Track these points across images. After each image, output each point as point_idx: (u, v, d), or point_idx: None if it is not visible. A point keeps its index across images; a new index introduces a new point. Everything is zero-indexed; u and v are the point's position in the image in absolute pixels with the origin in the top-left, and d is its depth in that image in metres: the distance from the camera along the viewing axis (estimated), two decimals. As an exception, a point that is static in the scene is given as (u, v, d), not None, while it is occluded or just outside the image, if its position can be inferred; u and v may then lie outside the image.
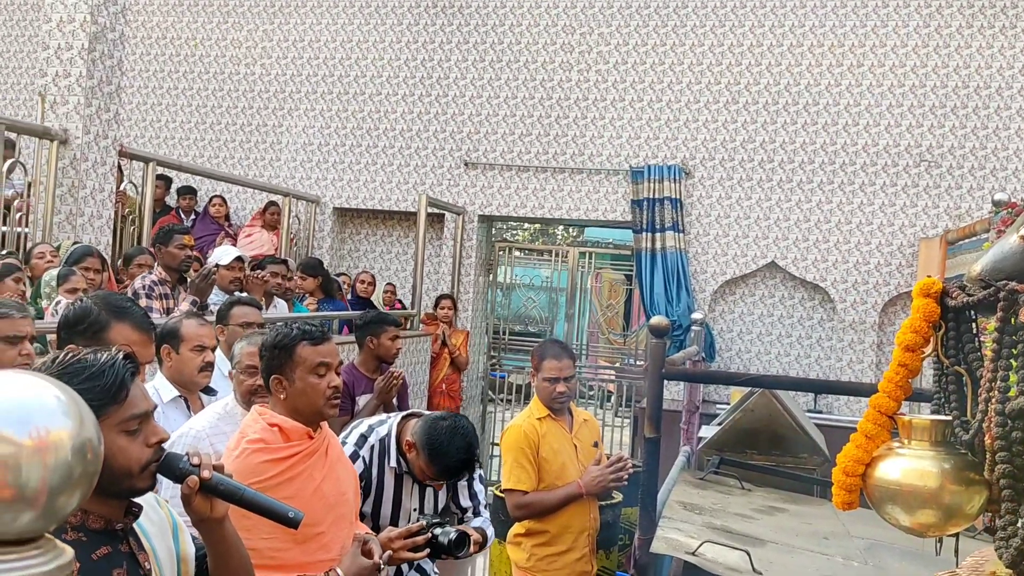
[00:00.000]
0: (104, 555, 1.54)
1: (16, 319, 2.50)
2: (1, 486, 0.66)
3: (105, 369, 1.53)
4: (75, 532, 1.52)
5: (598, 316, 10.79)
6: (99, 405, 1.48)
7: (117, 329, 2.20)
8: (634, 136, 8.15)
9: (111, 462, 1.48)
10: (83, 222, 5.27)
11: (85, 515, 1.54)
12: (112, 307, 2.24)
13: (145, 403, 1.58)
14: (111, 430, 1.51)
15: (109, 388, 1.52)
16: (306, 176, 8.82)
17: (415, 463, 2.75)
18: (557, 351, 3.66)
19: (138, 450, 1.55)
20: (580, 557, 3.59)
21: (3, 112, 8.66)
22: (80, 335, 2.18)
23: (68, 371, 1.51)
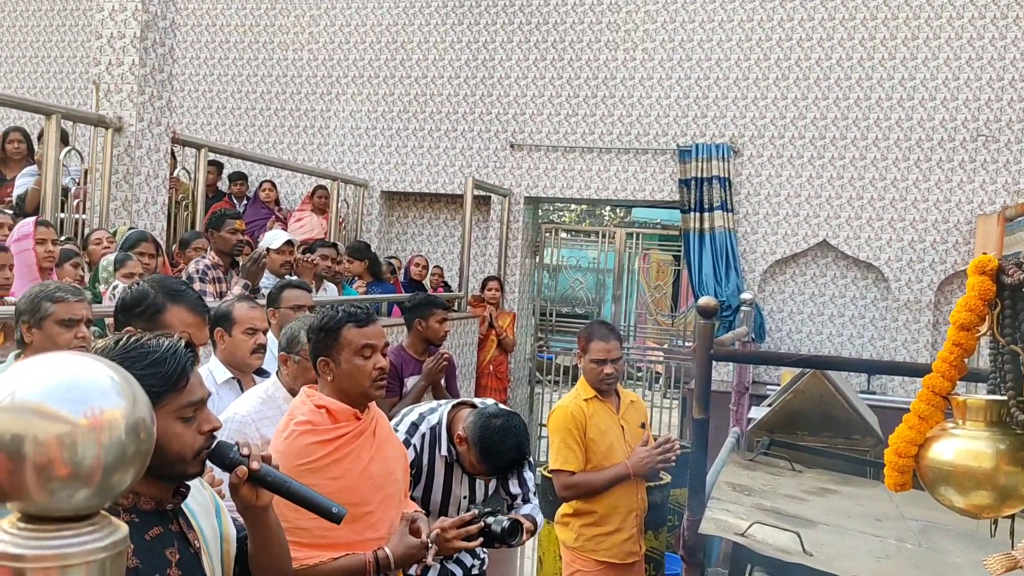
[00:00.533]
0: (156, 535, 1.58)
1: (72, 303, 2.57)
2: (57, 464, 0.68)
3: (167, 356, 1.55)
4: (127, 514, 1.56)
5: (646, 297, 10.72)
6: (159, 392, 1.52)
7: (173, 312, 2.23)
8: (681, 115, 8.06)
9: (165, 447, 1.53)
10: (138, 208, 5.38)
11: (137, 497, 1.58)
12: (168, 290, 2.27)
13: (201, 391, 1.62)
14: (168, 416, 1.55)
15: (170, 376, 1.55)
16: (354, 160, 8.89)
17: (465, 457, 2.76)
18: (604, 332, 3.66)
19: (192, 437, 1.58)
20: (628, 537, 3.60)
21: (59, 101, 8.87)
22: (137, 318, 2.22)
23: (131, 355, 1.54)
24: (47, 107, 5.02)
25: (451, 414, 2.86)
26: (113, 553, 0.70)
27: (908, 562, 2.58)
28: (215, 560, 1.73)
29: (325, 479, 2.35)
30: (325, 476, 2.35)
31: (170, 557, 1.59)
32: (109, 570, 0.69)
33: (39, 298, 2.55)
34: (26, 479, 0.68)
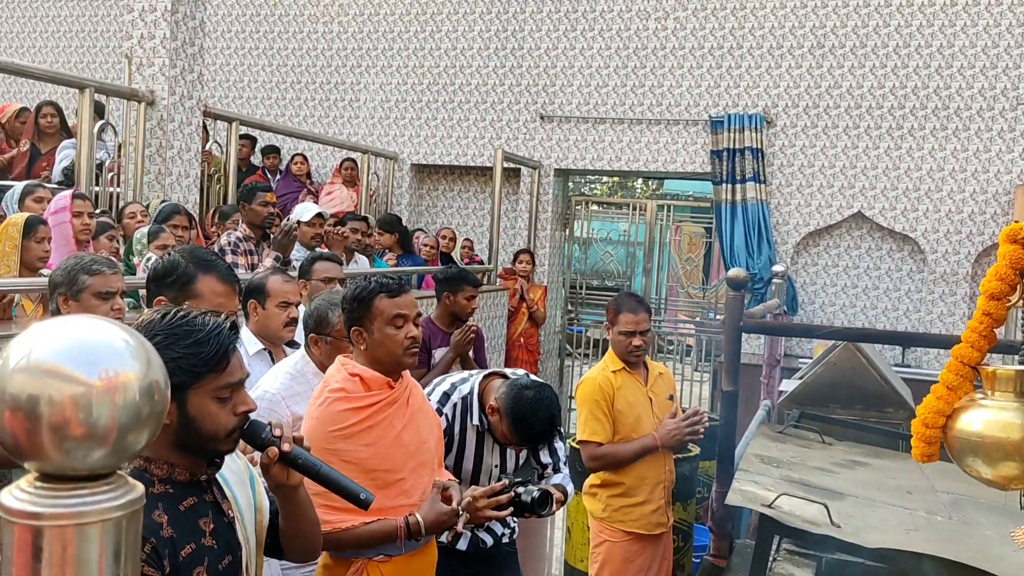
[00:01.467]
0: (191, 505, 1.61)
1: (108, 275, 2.61)
2: (73, 424, 0.69)
3: (211, 337, 1.57)
4: (162, 484, 1.59)
5: (677, 270, 10.66)
6: (199, 372, 1.55)
7: (204, 281, 2.25)
8: (714, 85, 7.95)
9: (199, 425, 1.57)
10: (171, 181, 5.43)
11: (171, 468, 1.61)
12: (199, 260, 2.29)
13: (240, 372, 1.63)
14: (206, 395, 1.58)
15: (211, 357, 1.56)
16: (384, 133, 8.89)
17: (497, 427, 2.77)
18: (633, 304, 3.65)
19: (226, 417, 1.60)
20: (656, 509, 3.61)
21: (93, 75, 8.95)
22: (168, 287, 2.24)
23: (176, 332, 1.56)
24: (80, 81, 5.07)
25: (482, 384, 2.87)
26: (129, 512, 0.71)
27: (937, 534, 2.56)
28: (250, 530, 1.76)
29: (357, 445, 2.38)
30: (357, 442, 2.39)
31: (204, 527, 1.62)
32: (125, 528, 0.71)
33: (75, 271, 2.59)
34: (43, 439, 0.69)
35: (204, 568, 1.58)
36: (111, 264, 2.67)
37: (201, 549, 1.59)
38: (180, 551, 1.55)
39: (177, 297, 2.22)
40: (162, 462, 1.60)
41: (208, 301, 2.20)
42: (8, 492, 0.70)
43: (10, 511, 0.68)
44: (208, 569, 1.59)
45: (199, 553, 1.58)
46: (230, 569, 1.66)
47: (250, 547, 1.75)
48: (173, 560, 1.54)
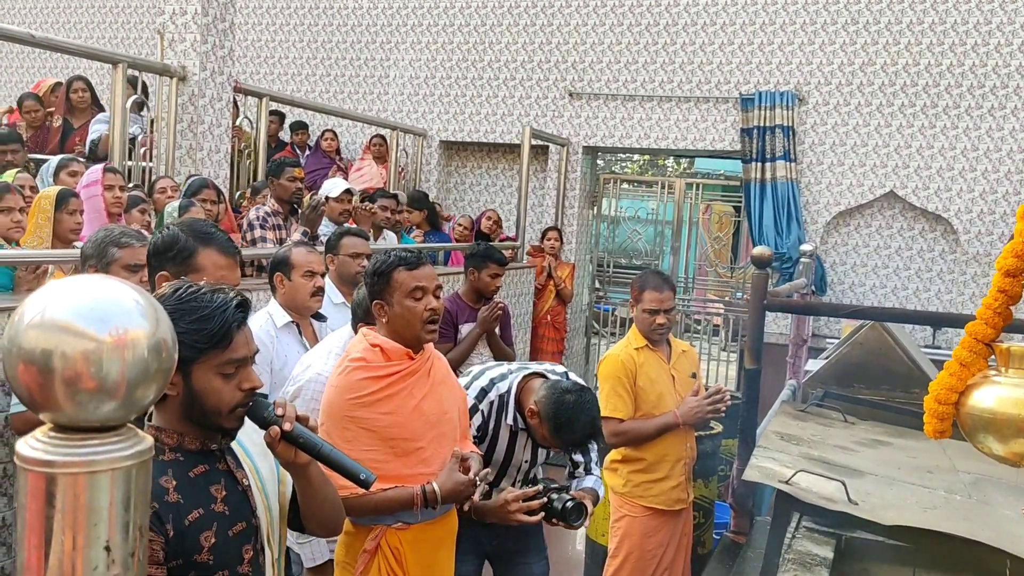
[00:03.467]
0: (201, 473, 1.66)
1: (136, 248, 2.66)
2: (85, 378, 0.72)
3: (216, 314, 1.60)
4: (172, 453, 1.65)
5: (707, 249, 10.61)
6: (203, 348, 1.59)
7: (204, 254, 2.24)
8: (744, 62, 7.86)
9: (203, 399, 1.62)
10: (202, 156, 5.49)
11: (181, 437, 1.66)
12: (198, 233, 2.28)
13: (245, 349, 1.66)
14: (209, 370, 1.61)
15: (214, 334, 1.59)
16: (413, 110, 8.91)
17: (537, 429, 2.77)
18: (657, 282, 3.65)
19: (230, 393, 1.64)
20: (676, 485, 3.63)
21: (127, 51, 9.05)
22: (170, 261, 2.24)
23: (183, 307, 1.60)
24: (113, 56, 5.13)
25: (521, 384, 2.86)
26: (138, 462, 0.74)
27: (955, 513, 2.55)
28: (271, 499, 1.80)
29: (376, 413, 2.43)
30: (376, 410, 2.43)
31: (215, 494, 1.66)
32: (135, 477, 0.74)
33: (105, 243, 2.65)
34: (56, 391, 0.73)
35: (212, 533, 1.63)
36: (140, 237, 2.72)
37: (210, 515, 1.63)
38: (186, 516, 1.60)
39: (179, 271, 2.22)
40: (172, 431, 1.65)
41: (210, 274, 2.20)
42: (24, 442, 0.73)
43: (25, 459, 0.72)
44: (216, 534, 1.63)
45: (207, 519, 1.63)
46: (243, 536, 1.70)
47: (271, 516, 1.80)
48: (177, 524, 1.58)
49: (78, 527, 0.71)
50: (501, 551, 3.06)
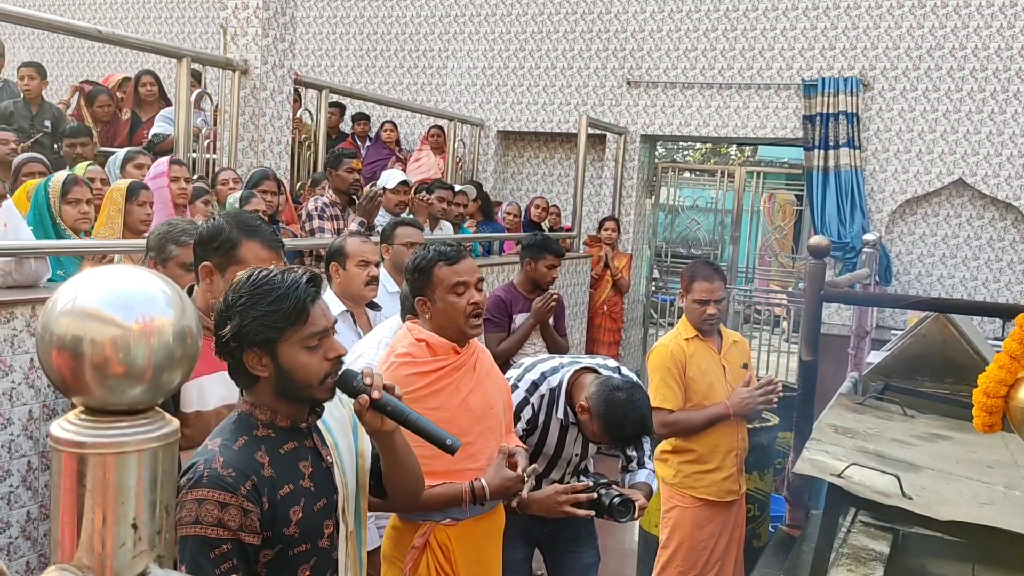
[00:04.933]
0: (291, 449, 1.74)
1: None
2: (114, 363, 0.76)
3: (289, 293, 1.67)
4: (265, 429, 1.73)
5: (769, 238, 10.44)
6: (283, 326, 1.66)
7: (247, 247, 2.26)
8: (807, 47, 7.70)
9: (293, 373, 1.69)
10: (263, 148, 5.61)
11: (273, 414, 1.74)
12: (243, 226, 2.29)
13: (324, 321, 1.72)
14: (293, 346, 1.68)
15: (291, 311, 1.67)
16: (471, 100, 8.95)
17: (587, 425, 2.75)
18: (708, 272, 3.61)
19: (318, 364, 1.70)
20: (727, 476, 3.59)
21: (193, 45, 9.27)
22: (214, 252, 2.27)
23: (257, 292, 1.67)
24: (178, 51, 5.26)
25: (572, 379, 2.84)
26: (164, 444, 0.78)
27: (1013, 509, 2.48)
28: (349, 474, 1.87)
29: (424, 409, 2.43)
30: (424, 407, 2.44)
31: (303, 469, 1.74)
32: (161, 458, 0.78)
33: (165, 239, 2.73)
34: (86, 376, 0.77)
35: (300, 508, 1.71)
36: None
37: (298, 490, 1.72)
38: (279, 490, 1.68)
39: (222, 262, 2.25)
40: (265, 408, 1.74)
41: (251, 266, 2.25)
42: (57, 424, 0.78)
43: (58, 440, 0.76)
44: (304, 509, 1.72)
45: (296, 494, 1.71)
46: (324, 511, 1.78)
47: (348, 491, 1.86)
48: (271, 498, 1.67)
49: (107, 505, 0.75)
50: (552, 539, 3.07)
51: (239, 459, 1.66)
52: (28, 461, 2.89)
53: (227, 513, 1.60)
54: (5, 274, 2.96)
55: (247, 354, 1.69)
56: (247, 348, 1.68)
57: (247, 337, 1.67)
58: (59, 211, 3.31)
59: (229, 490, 1.61)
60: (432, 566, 2.47)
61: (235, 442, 1.69)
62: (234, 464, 1.65)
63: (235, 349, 1.69)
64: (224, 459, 1.65)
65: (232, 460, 1.65)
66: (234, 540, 1.61)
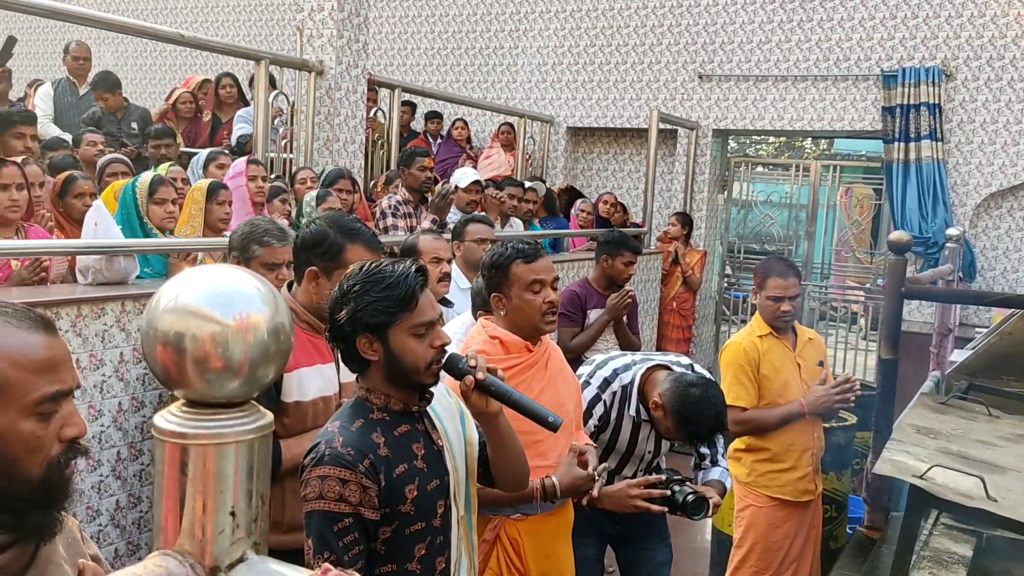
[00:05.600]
0: (404, 432, 1.85)
1: (276, 248, 2.82)
2: (213, 358, 0.80)
3: (400, 281, 1.78)
4: (380, 412, 1.84)
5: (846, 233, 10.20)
6: (394, 312, 1.77)
7: (352, 250, 2.32)
8: (887, 37, 7.49)
9: (402, 359, 1.80)
10: (338, 147, 5.72)
11: (387, 398, 1.85)
12: (345, 230, 2.36)
13: (432, 312, 1.83)
14: (403, 333, 1.79)
15: (402, 297, 1.77)
16: (541, 96, 8.96)
17: (661, 422, 2.74)
18: (782, 269, 3.56)
19: (424, 351, 1.81)
20: (803, 476, 3.54)
21: (271, 47, 9.49)
22: (319, 257, 2.34)
23: (370, 280, 1.79)
24: (256, 53, 5.40)
25: (645, 375, 2.83)
26: (260, 435, 0.82)
27: (1107, 515, 2.39)
28: (459, 460, 1.96)
29: (496, 406, 2.48)
30: (496, 404, 2.48)
31: (416, 451, 1.85)
32: (257, 449, 0.82)
33: (249, 239, 2.82)
34: (187, 370, 0.81)
35: (415, 486, 1.81)
36: (281, 237, 2.86)
37: (413, 470, 1.82)
38: (394, 469, 1.79)
39: (328, 266, 2.32)
40: (379, 393, 1.85)
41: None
42: (160, 416, 0.82)
43: (162, 431, 0.80)
44: (418, 488, 1.82)
45: (411, 473, 1.81)
46: (438, 491, 1.88)
47: (458, 475, 1.95)
48: (388, 475, 1.77)
49: (207, 493, 0.79)
50: (624, 536, 3.07)
51: (357, 439, 1.78)
52: (117, 451, 3.01)
53: (348, 489, 1.72)
54: (96, 271, 3.09)
55: (360, 339, 1.80)
56: (360, 333, 1.79)
57: (360, 322, 1.78)
58: (146, 210, 3.43)
59: (349, 467, 1.73)
60: (502, 560, 2.51)
61: (352, 424, 1.81)
62: (352, 443, 1.76)
63: (349, 334, 1.80)
64: (343, 439, 1.77)
65: (350, 440, 1.77)
66: (355, 515, 1.73)
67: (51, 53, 9.88)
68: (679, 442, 2.88)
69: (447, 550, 1.92)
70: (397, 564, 1.82)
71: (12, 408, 1.07)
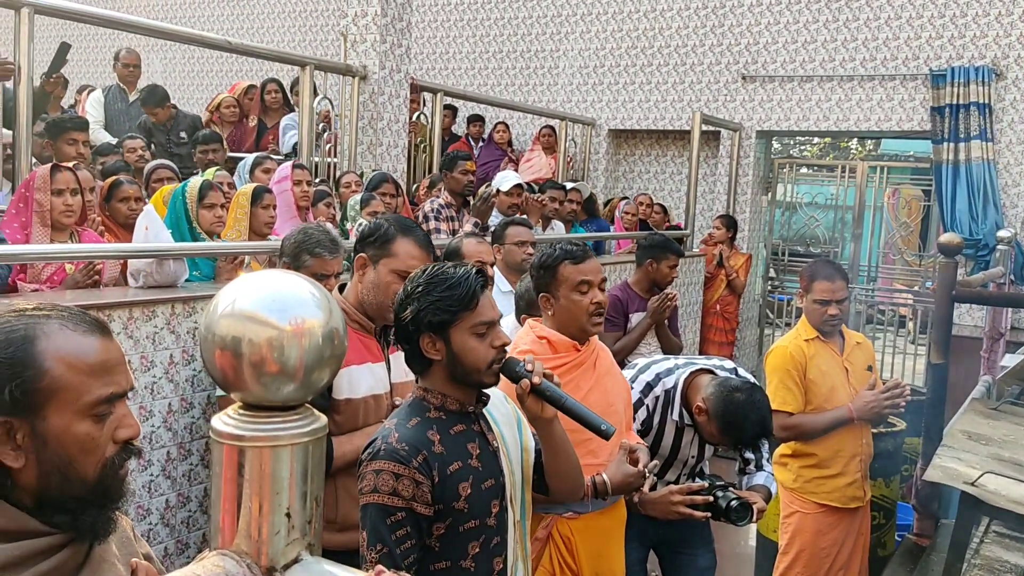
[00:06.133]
0: (460, 431, 1.89)
1: (327, 260, 2.88)
2: (269, 362, 0.82)
3: (461, 281, 1.84)
4: (436, 412, 1.89)
5: (894, 236, 10.03)
6: (455, 310, 1.82)
7: (401, 243, 2.41)
8: (935, 35, 7.36)
9: (462, 358, 1.85)
10: (381, 151, 5.77)
11: (444, 398, 1.90)
12: (400, 225, 2.47)
13: (492, 312, 1.88)
14: (464, 332, 1.84)
15: (463, 297, 1.83)
16: (582, 99, 8.94)
17: (705, 427, 2.72)
18: (829, 272, 3.50)
19: (485, 351, 1.85)
20: (851, 482, 3.48)
21: (314, 53, 9.60)
22: (370, 245, 2.43)
23: (433, 280, 1.85)
24: (301, 59, 5.47)
25: (688, 380, 2.81)
26: (314, 438, 0.83)
27: None
28: (515, 464, 1.99)
29: (544, 406, 2.49)
30: (543, 403, 2.49)
31: (471, 450, 1.88)
32: (311, 452, 0.83)
33: (301, 248, 2.87)
34: (244, 374, 0.82)
35: (468, 484, 1.85)
36: (332, 249, 2.91)
37: (467, 468, 1.86)
38: (448, 466, 1.83)
39: (376, 254, 2.41)
40: (437, 392, 1.90)
41: (402, 261, 2.37)
42: (218, 418, 0.84)
43: (220, 434, 0.82)
44: (472, 486, 1.85)
45: (465, 471, 1.85)
46: (492, 491, 1.90)
47: (515, 479, 1.98)
48: (441, 472, 1.81)
49: (263, 495, 0.81)
50: (667, 541, 3.05)
51: (412, 435, 1.83)
52: (167, 452, 3.06)
53: (401, 483, 1.77)
54: (147, 275, 3.15)
55: (423, 338, 1.86)
56: (423, 332, 1.85)
57: (423, 321, 1.84)
58: (195, 215, 3.49)
59: (402, 462, 1.78)
60: (555, 558, 2.53)
61: (408, 421, 1.87)
62: (407, 440, 1.81)
63: (412, 333, 1.86)
64: (399, 435, 1.83)
65: (405, 436, 1.82)
66: (408, 509, 1.78)
67: (101, 60, 10.09)
68: (723, 447, 2.85)
69: (503, 551, 1.94)
70: (451, 561, 1.86)
71: (68, 410, 1.09)
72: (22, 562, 1.06)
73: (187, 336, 3.09)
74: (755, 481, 2.89)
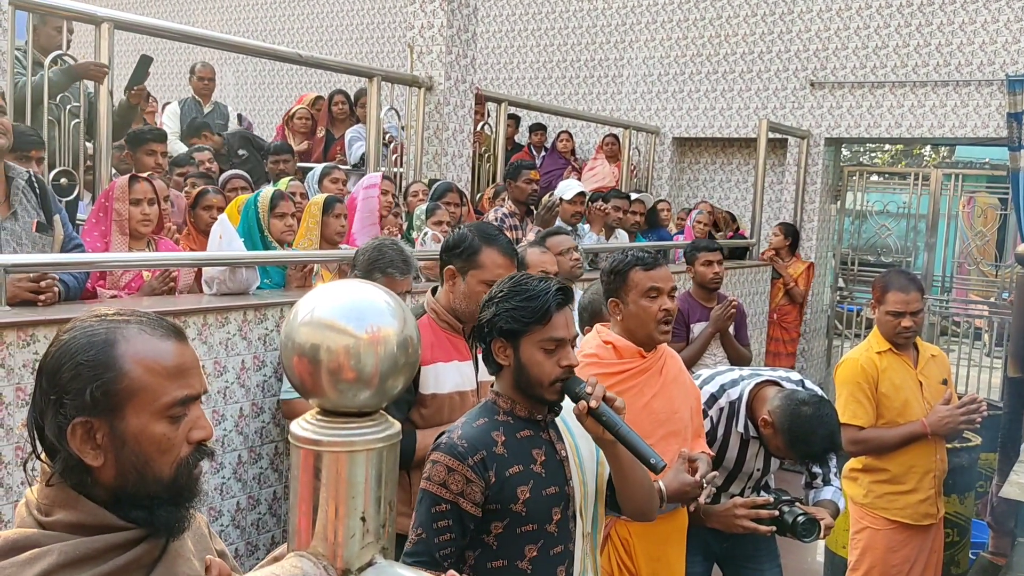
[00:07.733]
0: (526, 436, 1.93)
1: (397, 280, 2.92)
2: (346, 369, 0.84)
3: (538, 295, 1.88)
4: (505, 415, 1.94)
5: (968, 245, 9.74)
6: (527, 322, 1.87)
7: (486, 253, 2.48)
8: (1012, 39, 7.14)
9: (528, 370, 1.90)
10: (446, 161, 5.83)
11: (513, 403, 1.95)
12: (483, 234, 2.53)
13: (565, 331, 1.90)
14: (532, 345, 1.89)
15: (536, 310, 1.87)
16: (646, 107, 8.90)
17: (770, 440, 2.69)
18: (904, 283, 3.42)
19: (551, 367, 1.89)
20: (924, 499, 3.38)
21: (381, 64, 9.75)
22: (456, 257, 2.51)
23: (513, 290, 1.90)
24: (369, 70, 5.56)
25: (753, 392, 2.78)
26: (388, 444, 0.85)
27: None
28: (588, 475, 2.01)
29: (605, 409, 2.49)
30: (605, 407, 2.49)
31: (536, 456, 1.92)
32: (385, 457, 0.85)
33: (372, 265, 2.93)
34: (322, 380, 0.85)
35: (528, 488, 1.88)
36: (404, 270, 2.96)
37: (528, 472, 1.89)
38: (508, 468, 1.87)
39: (463, 266, 2.49)
40: (507, 397, 1.95)
41: (489, 271, 2.43)
42: (296, 423, 0.86)
43: (298, 438, 0.84)
44: (531, 490, 1.89)
45: (525, 475, 1.89)
46: (555, 498, 1.92)
47: (586, 490, 2.00)
48: (499, 473, 1.86)
49: (340, 499, 0.83)
50: (731, 555, 3.01)
51: (475, 435, 1.89)
52: (239, 455, 3.14)
53: (452, 477, 1.83)
54: (220, 282, 3.23)
55: (495, 342, 1.92)
56: (495, 336, 1.91)
57: (496, 326, 1.90)
58: (267, 224, 3.57)
59: (458, 458, 1.84)
60: (613, 560, 2.54)
61: (476, 421, 1.93)
62: (469, 438, 1.87)
63: (487, 335, 1.93)
64: (462, 432, 1.90)
65: (468, 434, 1.88)
66: (453, 504, 1.83)
67: (176, 73, 10.40)
68: (789, 460, 2.81)
69: (567, 560, 1.95)
70: (507, 561, 1.89)
71: (145, 411, 1.13)
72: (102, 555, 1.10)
73: (258, 342, 3.16)
74: (822, 496, 2.84)
